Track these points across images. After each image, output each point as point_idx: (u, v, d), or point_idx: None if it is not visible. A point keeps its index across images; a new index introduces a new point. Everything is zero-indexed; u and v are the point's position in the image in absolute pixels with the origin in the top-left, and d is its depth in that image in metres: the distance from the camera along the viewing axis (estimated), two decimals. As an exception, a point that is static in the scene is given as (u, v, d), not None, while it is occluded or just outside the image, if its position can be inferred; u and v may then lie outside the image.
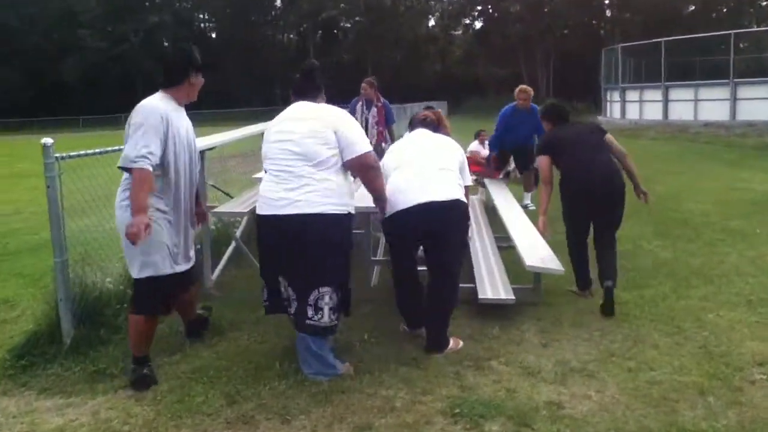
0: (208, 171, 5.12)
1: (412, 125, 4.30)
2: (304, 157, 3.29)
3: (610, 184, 4.49)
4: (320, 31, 60.28)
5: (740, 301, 4.54)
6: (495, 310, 4.35)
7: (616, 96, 26.87)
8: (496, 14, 55.15)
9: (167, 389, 3.31)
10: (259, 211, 3.40)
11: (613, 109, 27.54)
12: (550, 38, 47.17)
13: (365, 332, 4.03)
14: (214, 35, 61.88)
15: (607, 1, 53.17)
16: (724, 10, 49.21)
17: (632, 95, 25.47)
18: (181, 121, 3.41)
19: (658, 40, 24.10)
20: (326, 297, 3.31)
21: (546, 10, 48.67)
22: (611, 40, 36.64)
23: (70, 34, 49.59)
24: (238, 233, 5.81)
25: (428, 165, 3.86)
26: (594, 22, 53.50)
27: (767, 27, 37.79)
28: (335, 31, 60.52)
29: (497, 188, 7.68)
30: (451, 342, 3.78)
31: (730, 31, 22.79)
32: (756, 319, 4.17)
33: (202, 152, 4.84)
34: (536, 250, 4.78)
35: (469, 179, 4.16)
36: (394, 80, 49.67)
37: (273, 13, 61.52)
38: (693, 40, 24.53)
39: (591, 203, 4.54)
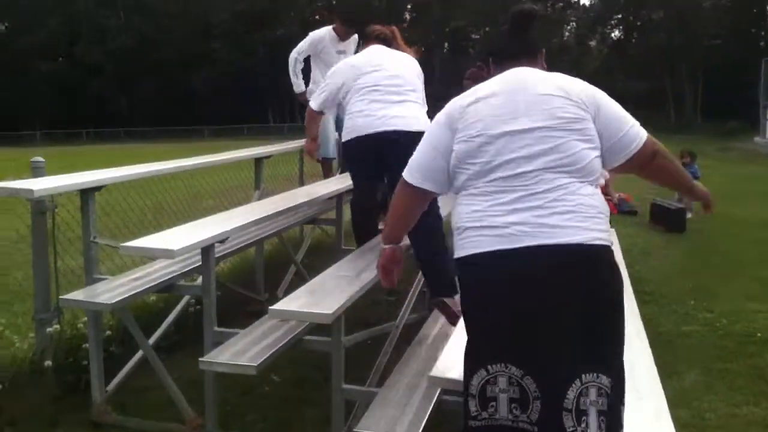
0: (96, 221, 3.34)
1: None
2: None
3: None
4: (447, 44, 58.39)
5: None
6: None
7: (776, 115, 22.89)
8: (637, 23, 50.72)
9: None
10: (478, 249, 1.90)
11: (771, 130, 23.52)
12: (699, 48, 42.04)
13: None
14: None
15: (770, 6, 47.11)
16: None
17: (797, 114, 21.48)
18: None
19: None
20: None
21: (694, 16, 43.60)
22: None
23: (203, 45, 51.39)
24: (152, 340, 3.63)
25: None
26: (753, 30, 47.51)
27: None
28: (463, 43, 58.38)
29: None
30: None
31: None
32: None
33: (84, 191, 3.23)
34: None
35: None
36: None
37: (403, 25, 60.66)
38: None
39: None
